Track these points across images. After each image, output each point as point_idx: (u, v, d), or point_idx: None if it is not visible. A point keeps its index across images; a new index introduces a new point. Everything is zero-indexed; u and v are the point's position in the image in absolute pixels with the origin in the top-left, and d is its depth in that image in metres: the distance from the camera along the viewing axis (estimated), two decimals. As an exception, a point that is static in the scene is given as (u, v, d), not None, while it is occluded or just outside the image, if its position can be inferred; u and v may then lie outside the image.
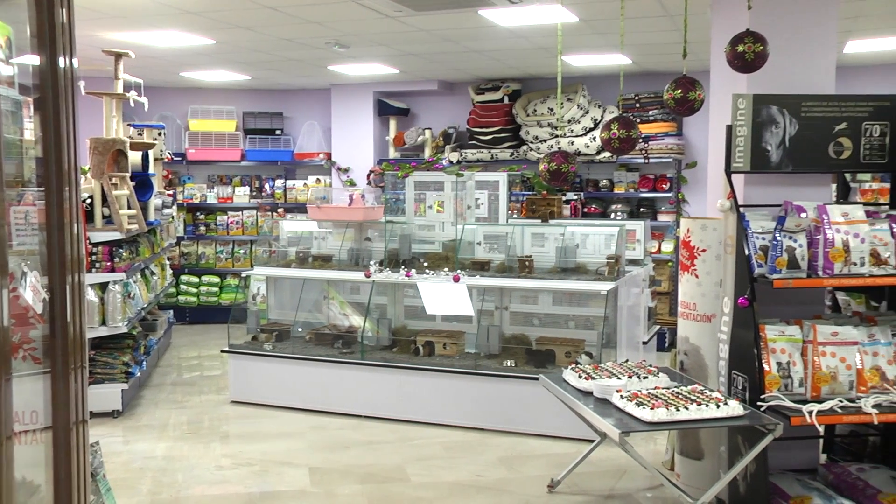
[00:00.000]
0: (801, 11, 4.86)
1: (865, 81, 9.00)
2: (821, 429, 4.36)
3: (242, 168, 11.79)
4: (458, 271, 6.91)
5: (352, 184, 11.14)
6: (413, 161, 9.93)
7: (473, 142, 10.44)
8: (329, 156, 11.43)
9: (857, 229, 4.43)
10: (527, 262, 6.86)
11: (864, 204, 5.18)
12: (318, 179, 11.48)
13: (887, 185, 5.19)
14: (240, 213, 11.61)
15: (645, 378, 4.85)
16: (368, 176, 10.95)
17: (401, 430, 6.65)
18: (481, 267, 7.04)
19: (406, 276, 7.00)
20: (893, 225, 4.54)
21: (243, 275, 8.38)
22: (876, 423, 4.27)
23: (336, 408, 7.03)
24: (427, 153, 10.72)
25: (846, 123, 4.77)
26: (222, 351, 7.56)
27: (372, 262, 7.27)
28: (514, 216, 8.81)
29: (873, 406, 4.23)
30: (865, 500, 4.41)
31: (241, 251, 11.61)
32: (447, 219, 7.47)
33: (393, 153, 11.01)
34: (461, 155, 10.41)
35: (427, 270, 7.00)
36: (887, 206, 4.96)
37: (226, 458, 5.99)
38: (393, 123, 11.10)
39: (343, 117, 11.28)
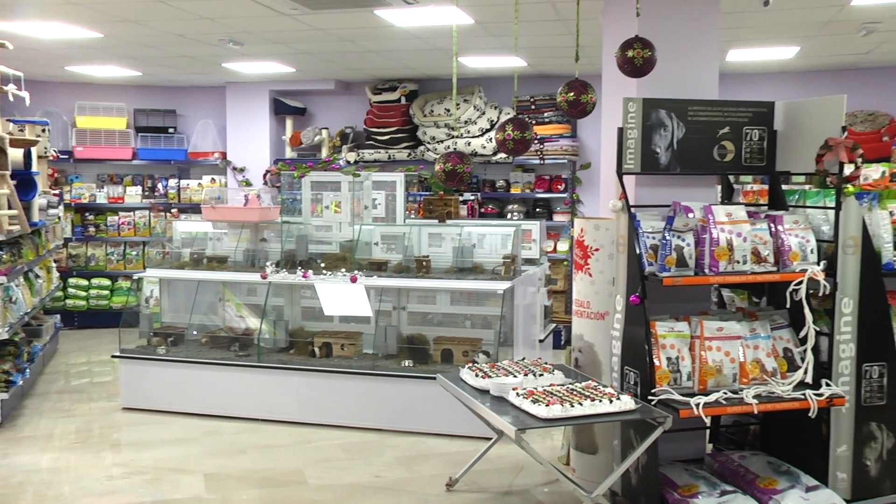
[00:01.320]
0: (687, 21, 5.06)
1: (745, 88, 9.42)
2: (707, 420, 4.54)
3: (134, 167, 11.43)
4: (356, 272, 6.88)
5: (247, 184, 10.94)
6: (310, 161, 9.83)
7: (371, 142, 10.41)
8: (224, 155, 11.20)
9: (739, 229, 4.62)
10: (424, 263, 6.89)
11: (746, 205, 5.41)
12: (213, 179, 11.23)
13: (767, 187, 5.43)
14: (131, 213, 11.25)
15: (541, 375, 4.94)
16: (265, 176, 10.78)
17: (299, 432, 6.57)
18: (379, 267, 7.03)
19: (303, 277, 6.93)
20: (772, 224, 4.76)
21: (135, 277, 8.12)
22: (756, 412, 4.48)
23: (232, 412, 6.90)
24: (324, 153, 10.63)
25: (729, 128, 4.98)
26: (113, 356, 7.30)
27: (268, 264, 7.17)
28: (412, 216, 8.83)
29: (754, 397, 4.43)
30: (746, 485, 4.62)
31: (134, 253, 11.26)
32: (344, 219, 7.43)
33: (289, 153, 10.88)
34: (358, 155, 10.37)
35: (324, 271, 6.95)
36: (767, 207, 5.20)
37: (116, 468, 5.80)
38: (289, 123, 10.96)
39: (238, 116, 11.07)
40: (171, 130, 11.21)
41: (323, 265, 7.08)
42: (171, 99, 11.44)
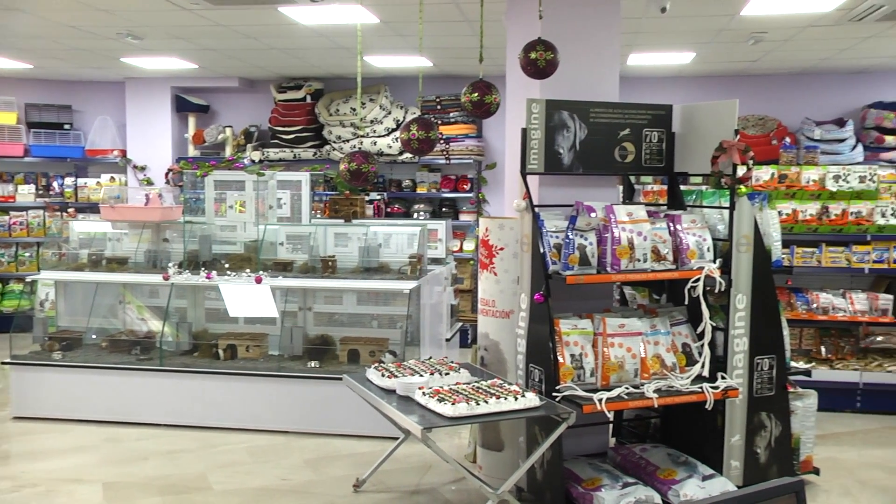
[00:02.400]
0: (588, 24, 5.17)
1: (645, 91, 9.68)
2: (610, 415, 4.66)
3: (26, 164, 10.95)
4: (261, 272, 6.79)
5: (149, 182, 10.63)
6: (213, 160, 9.59)
7: (276, 141, 10.27)
8: (124, 153, 10.85)
9: (640, 228, 4.75)
10: (330, 263, 6.84)
11: (646, 204, 5.57)
12: (112, 178, 10.87)
13: (666, 187, 5.59)
14: (24, 213, 10.77)
15: (447, 374, 4.96)
16: (166, 175, 10.50)
17: (204, 437, 6.43)
18: (284, 267, 6.95)
19: (207, 278, 6.79)
20: (671, 224, 4.91)
21: (29, 279, 7.79)
22: (656, 406, 4.61)
23: (134, 418, 6.69)
24: (228, 152, 10.43)
25: (629, 129, 5.11)
26: (3, 363, 6.99)
27: (171, 265, 6.99)
28: (318, 216, 8.75)
29: (654, 391, 4.57)
30: (647, 476, 4.75)
31: (27, 254, 10.79)
32: (249, 219, 7.31)
33: (192, 151, 10.62)
34: (263, 154, 10.22)
35: (229, 272, 6.83)
36: (666, 207, 5.36)
37: (5, 481, 5.54)
38: (192, 120, 10.70)
39: (139, 113, 10.74)
40: (66, 126, 10.80)
41: (227, 266, 6.95)
42: (67, 94, 11.02)
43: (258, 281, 6.67)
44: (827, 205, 7.31)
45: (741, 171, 4.76)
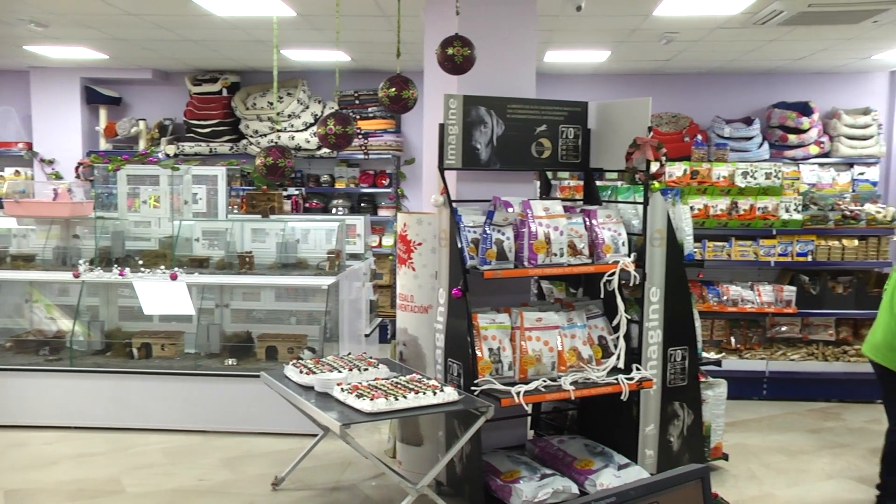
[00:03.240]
0: (505, 21, 5.21)
1: (562, 88, 9.82)
2: (528, 408, 4.72)
3: (-79, 158, 10.47)
4: (176, 269, 6.65)
5: (57, 177, 10.27)
6: (126, 153, 9.34)
7: (191, 134, 10.04)
8: (30, 146, 10.45)
9: (556, 223, 4.82)
10: (247, 259, 6.75)
11: (563, 200, 5.66)
12: (17, 171, 10.45)
13: (582, 183, 5.69)
14: (-80, 208, 10.29)
15: (365, 370, 4.95)
16: (76, 169, 10.13)
17: (117, 438, 6.26)
18: (200, 264, 6.82)
19: (120, 275, 6.62)
20: (587, 219, 5.00)
21: (-75, 278, 7.44)
22: (573, 398, 4.68)
23: (42, 421, 6.47)
24: (141, 145, 10.15)
25: (546, 126, 5.18)
26: None
27: (81, 262, 6.79)
28: (235, 211, 8.60)
29: (571, 383, 4.64)
30: (564, 467, 4.83)
31: (-77, 252, 10.30)
32: (163, 214, 7.15)
33: (104, 145, 10.30)
34: (178, 148, 9.98)
35: (143, 269, 6.67)
36: (582, 202, 5.45)
37: None
38: (103, 113, 10.38)
39: (45, 104, 10.35)
40: (-35, 118, 10.35)
41: (141, 262, 6.80)
42: (-34, 84, 10.57)
43: (173, 278, 6.53)
44: (736, 200, 7.54)
45: (654, 167, 4.87)
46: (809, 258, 7.57)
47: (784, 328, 7.68)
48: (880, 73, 9.99)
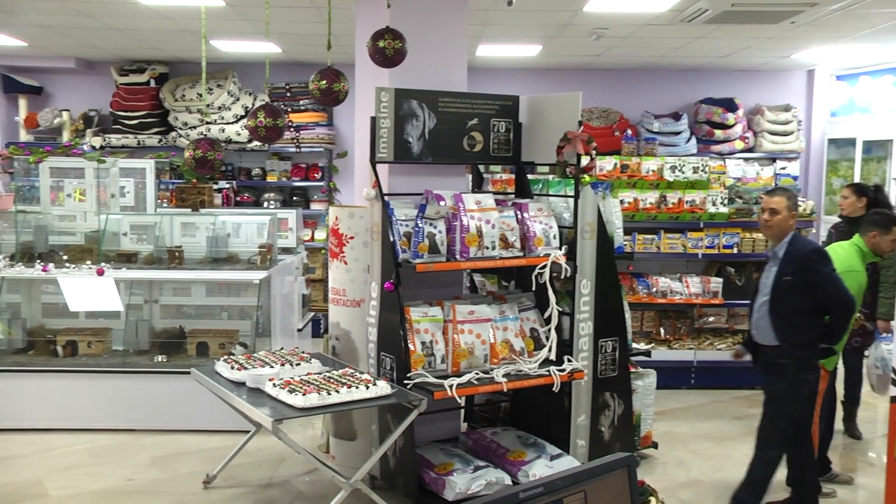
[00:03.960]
0: (436, 14, 5.21)
1: (494, 82, 9.85)
2: (461, 400, 4.74)
3: None
4: (103, 264, 6.49)
5: (-26, 170, 9.93)
6: (48, 145, 9.06)
7: (118, 126, 9.79)
8: (-56, 137, 10.08)
9: (488, 216, 4.84)
10: (177, 253, 6.63)
11: (495, 193, 5.69)
12: (-70, 164, 10.07)
13: (514, 176, 5.72)
14: None
15: (298, 365, 4.91)
16: (-6, 161, 9.84)
17: (41, 440, 6.08)
18: (128, 259, 6.67)
19: (43, 270, 6.44)
20: (518, 212, 5.03)
21: None
22: (506, 390, 4.73)
23: (-41, 422, 6.26)
24: (65, 137, 9.85)
25: (478, 119, 5.20)
26: None
27: (1, 257, 6.57)
28: (164, 205, 8.44)
29: (504, 376, 4.68)
30: (497, 459, 4.87)
31: None
32: (89, 208, 6.96)
33: (25, 136, 9.97)
34: (104, 140, 9.73)
35: (68, 264, 6.51)
36: (514, 195, 5.49)
37: None
38: (23, 103, 10.04)
39: (-40, 94, 10.00)
40: None
41: (66, 258, 6.63)
42: None
43: (100, 273, 6.37)
44: (665, 194, 7.69)
45: (585, 161, 4.93)
46: (735, 250, 7.77)
47: (711, 319, 7.87)
48: (799, 72, 10.30)
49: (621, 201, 7.19)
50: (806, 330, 4.60)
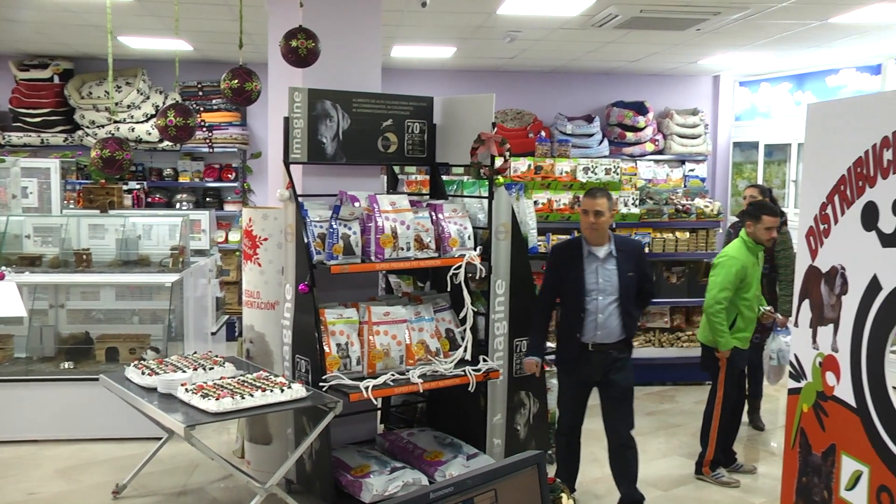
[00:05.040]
0: (350, 15, 5.19)
1: (409, 83, 9.86)
2: (377, 402, 4.73)
3: None
4: (4, 268, 6.24)
5: None
6: (-58, 144, 8.70)
7: (19, 124, 9.43)
8: None
9: (403, 217, 4.85)
10: (84, 256, 6.42)
11: (409, 194, 5.70)
12: None
13: (428, 178, 5.74)
14: None
15: (211, 369, 4.83)
16: None
17: (-65, 452, 5.83)
18: (32, 262, 6.44)
19: (-63, 275, 6.14)
20: (433, 213, 5.05)
21: None
22: (422, 391, 4.74)
23: None
24: (-39, 135, 9.46)
25: (392, 120, 5.20)
26: None
27: None
28: (70, 206, 8.18)
29: (419, 376, 4.68)
30: (414, 460, 4.88)
31: None
32: (-12, 210, 6.69)
33: (-83, 135, 9.53)
34: (4, 138, 9.36)
35: (-36, 269, 6.22)
36: (429, 196, 5.51)
37: None
38: (-88, 99, 9.59)
39: None
40: None
41: (-38, 262, 6.34)
42: None
43: (0, 277, 6.12)
44: (578, 195, 7.80)
45: (499, 162, 4.98)
46: (646, 250, 7.93)
47: (623, 316, 8.03)
48: (705, 77, 10.64)
49: (535, 202, 7.30)
50: (636, 318, 5.03)
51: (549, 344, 6.09)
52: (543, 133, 9.14)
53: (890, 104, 2.78)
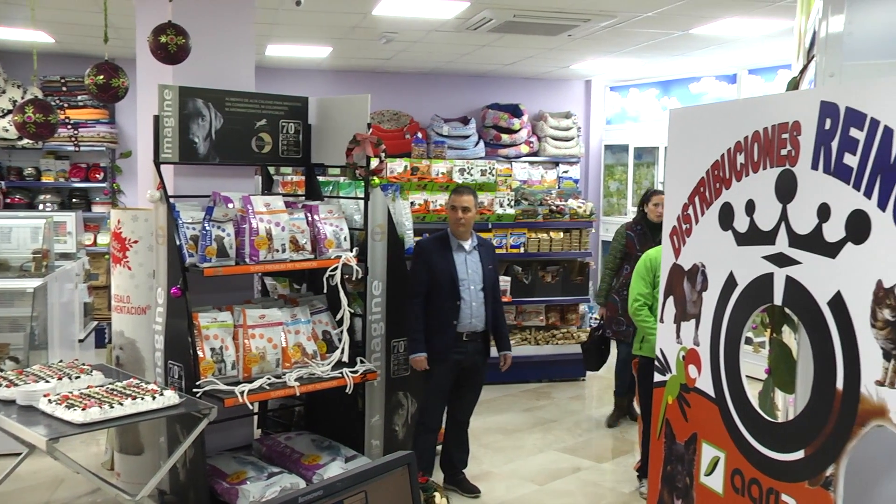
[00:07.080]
0: (222, 11, 5.08)
1: (284, 83, 9.73)
2: (254, 407, 4.64)
3: None
4: None
5: None
6: None
7: None
8: None
9: (278, 218, 4.77)
10: (-65, 261, 6.04)
11: (285, 195, 5.62)
12: None
13: (304, 178, 5.69)
14: None
15: (77, 378, 4.60)
16: None
17: None
18: None
19: None
20: (309, 214, 5.00)
21: None
22: (298, 394, 4.69)
23: None
24: None
25: (266, 120, 5.12)
26: None
27: None
28: (-81, 208, 7.68)
29: (296, 380, 4.63)
30: (292, 464, 4.82)
31: None
32: None
33: None
34: None
35: None
36: (304, 197, 5.45)
37: None
38: None
39: None
40: None
41: None
42: None
43: None
44: (454, 195, 7.90)
45: (374, 163, 4.98)
46: (522, 250, 8.13)
47: (500, 315, 8.17)
48: (578, 82, 10.96)
49: (412, 203, 7.34)
50: (500, 313, 5.54)
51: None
52: (420, 134, 9.20)
53: (743, 111, 2.94)
